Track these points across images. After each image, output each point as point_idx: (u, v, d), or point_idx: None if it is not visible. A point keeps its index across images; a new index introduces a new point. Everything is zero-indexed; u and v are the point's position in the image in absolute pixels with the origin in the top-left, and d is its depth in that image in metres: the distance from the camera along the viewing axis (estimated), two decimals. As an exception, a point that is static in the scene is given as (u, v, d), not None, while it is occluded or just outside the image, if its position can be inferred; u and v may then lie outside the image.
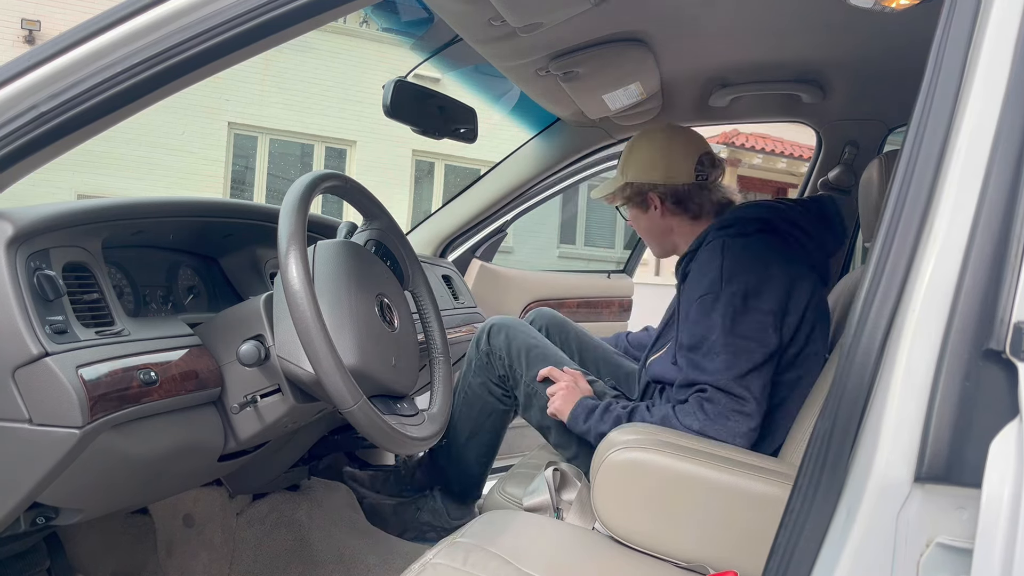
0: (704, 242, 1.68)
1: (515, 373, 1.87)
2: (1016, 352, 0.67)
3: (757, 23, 1.72)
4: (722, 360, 1.49)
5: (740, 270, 1.54)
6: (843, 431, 0.74)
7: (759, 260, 1.56)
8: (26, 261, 1.02)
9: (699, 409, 1.48)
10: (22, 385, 0.99)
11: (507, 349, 1.88)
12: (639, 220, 1.87)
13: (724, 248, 1.58)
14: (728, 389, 1.47)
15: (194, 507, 1.79)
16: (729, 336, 1.50)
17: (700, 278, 1.59)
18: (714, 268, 1.56)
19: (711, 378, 1.49)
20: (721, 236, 1.62)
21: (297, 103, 10.92)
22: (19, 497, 1.04)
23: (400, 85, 1.83)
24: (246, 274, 1.64)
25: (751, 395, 1.48)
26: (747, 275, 1.53)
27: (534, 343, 1.88)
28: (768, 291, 1.53)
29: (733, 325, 1.50)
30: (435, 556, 1.23)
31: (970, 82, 0.75)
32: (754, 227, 1.63)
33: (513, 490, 1.72)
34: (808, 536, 0.74)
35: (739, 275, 1.53)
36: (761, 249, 1.59)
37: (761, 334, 1.50)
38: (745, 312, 1.51)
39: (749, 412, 1.47)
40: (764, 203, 1.74)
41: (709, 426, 1.46)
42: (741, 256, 1.56)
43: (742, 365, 1.48)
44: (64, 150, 1.01)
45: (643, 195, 1.82)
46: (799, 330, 1.57)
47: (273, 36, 0.98)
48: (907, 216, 0.75)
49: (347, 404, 1.12)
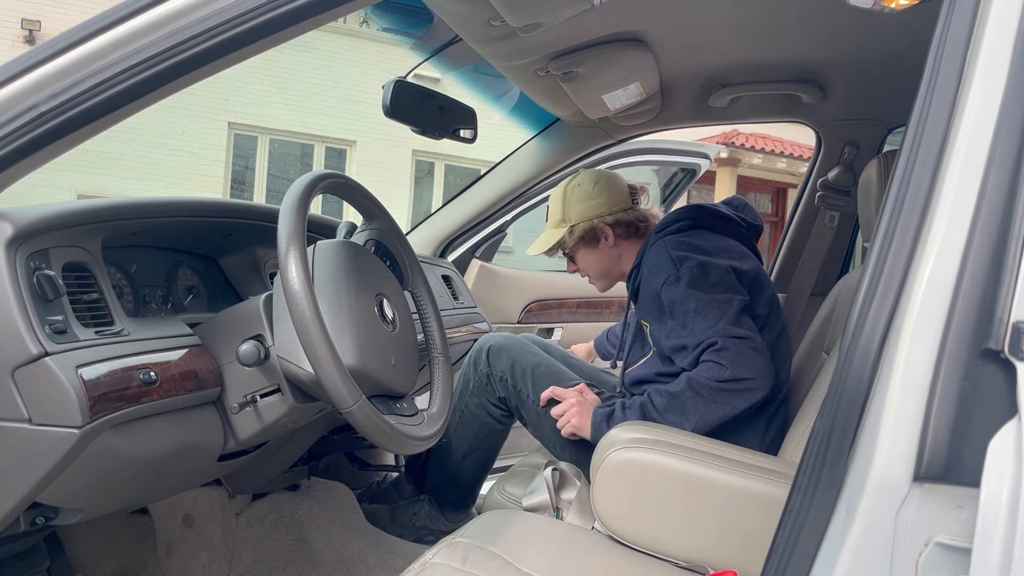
0: (645, 251, 1.81)
1: (520, 394, 1.88)
2: (1015, 352, 0.67)
3: (757, 23, 1.73)
4: (711, 316, 1.59)
5: (686, 254, 1.68)
6: (842, 430, 0.74)
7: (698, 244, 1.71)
8: (26, 261, 1.02)
9: (719, 359, 1.55)
10: (22, 385, 0.99)
11: (511, 370, 1.90)
12: (590, 258, 1.97)
13: (667, 244, 1.72)
14: (732, 334, 1.56)
15: (194, 507, 1.79)
16: (704, 296, 1.61)
17: (654, 274, 1.71)
18: (665, 259, 1.69)
19: (712, 333, 1.57)
20: (660, 238, 1.77)
21: (297, 103, 10.92)
22: (19, 497, 1.04)
23: (400, 85, 1.83)
24: (246, 274, 1.64)
25: (751, 330, 1.59)
26: (695, 254, 1.67)
27: (536, 361, 1.90)
28: (718, 256, 1.68)
29: (702, 288, 1.62)
30: (434, 556, 1.23)
31: (969, 82, 0.75)
32: (687, 224, 1.79)
33: (513, 490, 1.72)
34: (807, 535, 0.74)
35: (687, 257, 1.67)
36: (696, 237, 1.74)
37: (730, 286, 1.63)
38: (707, 275, 1.63)
39: (759, 347, 1.57)
40: (689, 205, 1.90)
41: (738, 368, 1.53)
42: (681, 244, 1.71)
43: (729, 311, 1.59)
44: (64, 150, 1.01)
45: (593, 231, 1.92)
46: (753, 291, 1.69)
47: (273, 36, 0.98)
48: (906, 216, 0.75)
49: (347, 404, 1.12)
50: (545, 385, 1.84)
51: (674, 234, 1.76)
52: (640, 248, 1.86)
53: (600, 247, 1.94)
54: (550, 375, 1.87)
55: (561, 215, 1.95)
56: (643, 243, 1.86)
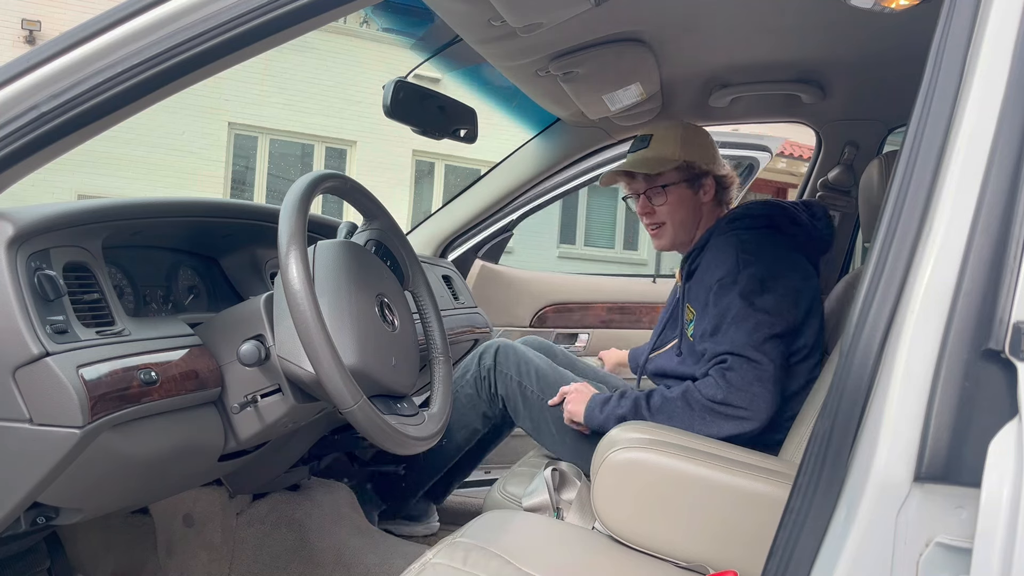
0: (713, 235, 1.74)
1: (525, 390, 1.88)
2: (1015, 352, 0.67)
3: (757, 23, 1.73)
4: (742, 330, 1.54)
5: (754, 259, 1.61)
6: (843, 431, 0.74)
7: (770, 252, 1.64)
8: (26, 261, 1.02)
9: (721, 378, 1.52)
10: (22, 385, 0.99)
11: (516, 368, 1.90)
12: (680, 204, 1.82)
13: (738, 240, 1.66)
14: (747, 355, 1.51)
15: (194, 507, 1.79)
16: (747, 310, 1.55)
17: (715, 267, 1.65)
18: (730, 256, 1.63)
19: (731, 347, 1.53)
20: (733, 229, 1.70)
21: (297, 103, 10.92)
22: (19, 497, 1.04)
23: (400, 85, 1.83)
24: (246, 274, 1.64)
25: (769, 359, 1.52)
26: (761, 263, 1.60)
27: (540, 364, 1.91)
28: (782, 277, 1.60)
29: (751, 301, 1.56)
30: (435, 556, 1.23)
31: (969, 82, 0.75)
32: (762, 223, 1.72)
33: (513, 490, 1.72)
34: (808, 535, 0.74)
35: (754, 263, 1.60)
36: (770, 243, 1.67)
37: (778, 309, 1.57)
38: (762, 293, 1.57)
39: (769, 378, 1.51)
40: (769, 202, 1.82)
41: (733, 394, 1.50)
42: (753, 247, 1.64)
43: (762, 332, 1.53)
44: (64, 150, 1.01)
45: (700, 178, 1.82)
46: (807, 318, 1.63)
47: (273, 36, 0.98)
48: (906, 216, 0.75)
49: (347, 404, 1.12)
50: (551, 383, 1.85)
51: (747, 230, 1.70)
52: (709, 228, 1.80)
53: (695, 197, 1.83)
54: (556, 375, 1.88)
55: (679, 146, 1.81)
56: (714, 223, 1.80)
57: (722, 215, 1.83)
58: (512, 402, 1.92)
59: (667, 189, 1.82)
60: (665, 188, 1.82)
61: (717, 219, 1.81)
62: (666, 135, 1.84)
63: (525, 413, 1.89)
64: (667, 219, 1.84)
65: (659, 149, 1.82)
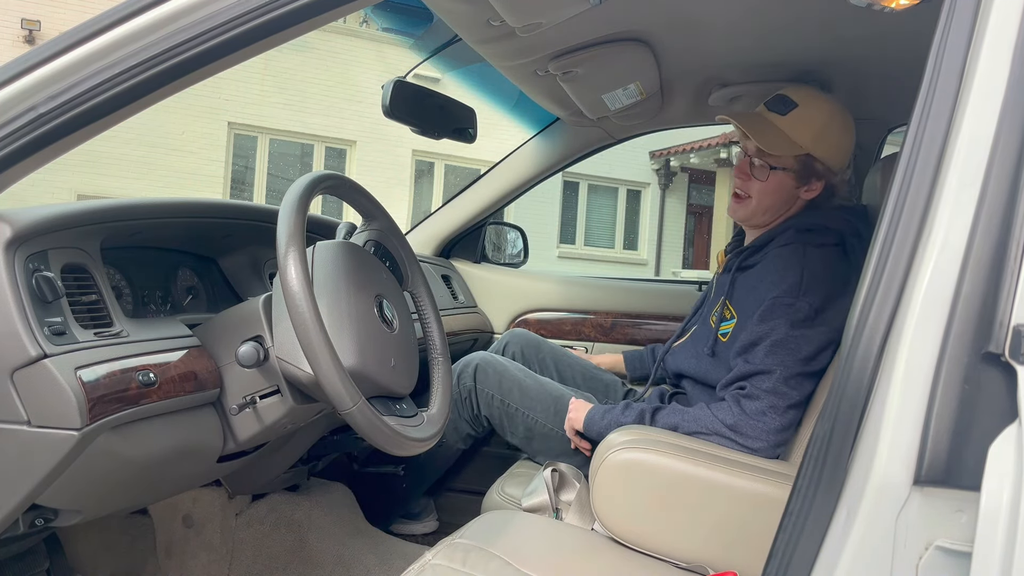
0: (778, 239, 1.62)
1: (508, 407, 1.85)
2: (1015, 355, 0.67)
3: (757, 23, 1.72)
4: (777, 358, 1.46)
5: (818, 283, 1.51)
6: (842, 433, 0.74)
7: (833, 277, 1.53)
8: (24, 262, 1.02)
9: (736, 404, 1.46)
10: (21, 387, 0.99)
11: (498, 387, 1.86)
12: (777, 190, 1.66)
13: (806, 255, 1.54)
14: (773, 388, 1.44)
15: (193, 508, 1.79)
16: (791, 341, 1.46)
17: (776, 278, 1.54)
18: (795, 273, 1.52)
19: (758, 374, 1.46)
20: (802, 241, 1.58)
21: (297, 103, 10.92)
22: (18, 499, 1.04)
23: (399, 85, 1.83)
24: (245, 275, 1.64)
25: (793, 396, 1.44)
26: (823, 290, 1.50)
27: (522, 378, 1.87)
28: (834, 312, 1.50)
29: (798, 333, 1.47)
30: (435, 556, 1.23)
31: (970, 82, 0.75)
32: (832, 239, 1.60)
33: (512, 491, 1.72)
34: (807, 538, 0.74)
35: (816, 288, 1.50)
36: (835, 264, 1.56)
37: (821, 350, 1.47)
38: (812, 326, 1.48)
39: (784, 411, 1.44)
40: (839, 214, 1.66)
41: (744, 421, 1.43)
42: (820, 268, 1.53)
43: (795, 368, 1.45)
44: (63, 151, 1.01)
45: (813, 176, 1.65)
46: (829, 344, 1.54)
47: (273, 36, 0.98)
48: (906, 218, 0.75)
49: (346, 405, 1.12)
50: (533, 397, 1.83)
51: (818, 247, 1.57)
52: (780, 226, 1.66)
53: (796, 190, 1.66)
54: (540, 389, 1.85)
55: (812, 135, 1.63)
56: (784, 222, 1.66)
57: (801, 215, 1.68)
58: (497, 420, 1.89)
59: (774, 171, 1.64)
60: (772, 169, 1.64)
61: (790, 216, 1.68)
62: (809, 116, 1.64)
63: (512, 430, 1.87)
64: (756, 195, 1.67)
65: (793, 126, 1.63)
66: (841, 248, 1.60)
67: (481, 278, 2.64)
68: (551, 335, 2.50)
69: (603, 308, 2.54)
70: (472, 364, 1.90)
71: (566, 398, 1.83)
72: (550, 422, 1.81)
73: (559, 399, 1.83)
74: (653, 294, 2.57)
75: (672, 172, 13.73)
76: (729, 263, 1.73)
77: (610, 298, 2.56)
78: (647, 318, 2.49)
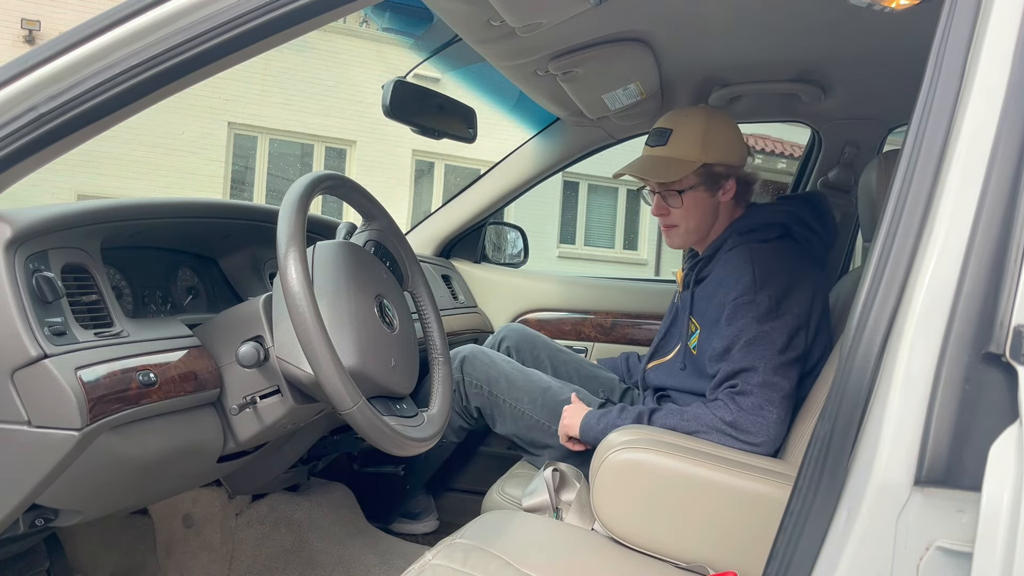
0: (724, 247, 1.68)
1: (496, 399, 1.85)
2: (1016, 355, 0.67)
3: (757, 23, 1.72)
4: (754, 353, 1.50)
5: (770, 277, 1.55)
6: (843, 433, 0.74)
7: (784, 267, 1.58)
8: (25, 263, 1.02)
9: (731, 401, 1.49)
10: (21, 387, 0.99)
11: (486, 379, 1.87)
12: (696, 206, 1.72)
13: (752, 254, 1.60)
14: (760, 379, 1.48)
15: (193, 508, 1.79)
16: (762, 334, 1.51)
17: (730, 283, 1.59)
18: (746, 273, 1.57)
19: (742, 370, 1.49)
20: (746, 241, 1.64)
21: (297, 103, 10.92)
22: (18, 499, 1.04)
23: (400, 85, 1.83)
24: (245, 275, 1.64)
25: (784, 386, 1.49)
26: (777, 282, 1.55)
27: (509, 370, 1.88)
28: (796, 297, 1.55)
29: (766, 325, 1.51)
30: (434, 557, 1.23)
31: (970, 83, 0.75)
32: (775, 233, 1.66)
33: (512, 491, 1.72)
34: (808, 538, 0.74)
35: (770, 281, 1.55)
36: (784, 256, 1.61)
37: (793, 332, 1.52)
38: (778, 316, 1.52)
39: (780, 402, 1.48)
40: (777, 207, 1.73)
41: (743, 417, 1.46)
42: (769, 262, 1.58)
43: (776, 357, 1.49)
44: (63, 151, 1.01)
45: (720, 179, 1.71)
46: (817, 334, 1.59)
47: (273, 36, 0.98)
48: (907, 217, 0.75)
49: (346, 405, 1.12)
50: (521, 389, 1.83)
51: (762, 243, 1.63)
52: (721, 235, 1.72)
53: (714, 198, 1.72)
54: (527, 381, 1.86)
55: (699, 147, 1.69)
56: (726, 230, 1.72)
57: (738, 215, 1.75)
58: (487, 411, 1.89)
59: (683, 194, 1.71)
60: (682, 193, 1.71)
61: (732, 221, 1.74)
62: (687, 132, 1.71)
63: (500, 420, 1.87)
64: (681, 222, 1.74)
65: (678, 148, 1.70)
66: (788, 239, 1.66)
67: (481, 278, 2.64)
68: (551, 335, 2.49)
69: (603, 308, 2.54)
70: (460, 356, 1.92)
71: (553, 389, 1.84)
72: (537, 413, 1.82)
73: (546, 390, 1.84)
74: (653, 294, 2.57)
75: (672, 172, 13.69)
76: (686, 279, 1.79)
77: (610, 298, 2.56)
78: (647, 318, 2.50)
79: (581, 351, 2.48)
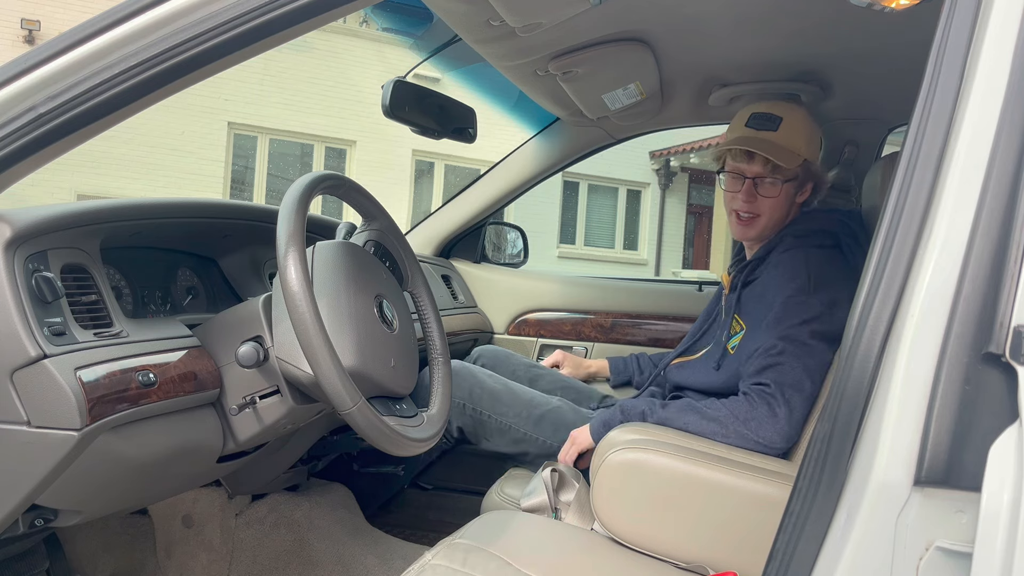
0: (778, 248, 1.65)
1: (482, 416, 1.83)
2: (1016, 356, 0.67)
3: (757, 22, 1.72)
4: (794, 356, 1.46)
5: (824, 283, 1.53)
6: (843, 434, 0.74)
7: (836, 277, 1.56)
8: (24, 263, 1.02)
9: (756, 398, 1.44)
10: (20, 387, 0.99)
11: (469, 396, 1.84)
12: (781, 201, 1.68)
13: (808, 257, 1.57)
14: (794, 382, 1.44)
15: (193, 508, 1.79)
16: (807, 337, 1.47)
17: (783, 282, 1.56)
18: (801, 274, 1.54)
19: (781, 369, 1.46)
20: (801, 245, 1.61)
21: (297, 103, 10.92)
22: (18, 499, 1.04)
23: (399, 85, 1.83)
24: (245, 275, 1.64)
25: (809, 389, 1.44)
26: (829, 289, 1.52)
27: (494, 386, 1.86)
28: (841, 306, 1.51)
29: (813, 330, 1.48)
30: (434, 557, 1.23)
31: (970, 83, 0.75)
32: (829, 241, 1.63)
33: (511, 491, 1.72)
34: (807, 539, 0.74)
35: (824, 287, 1.52)
36: (836, 265, 1.59)
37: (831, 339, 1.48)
38: (820, 320, 1.49)
39: (802, 404, 1.44)
40: (833, 216, 1.69)
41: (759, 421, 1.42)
42: (824, 269, 1.56)
43: (811, 362, 1.46)
44: (62, 152, 1.01)
45: (809, 178, 1.70)
46: None
47: (273, 36, 0.98)
48: (907, 218, 0.75)
49: (346, 406, 1.11)
50: (506, 403, 1.81)
51: (817, 248, 1.60)
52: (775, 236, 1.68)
53: (793, 197, 1.69)
54: (511, 395, 1.84)
55: (805, 141, 1.66)
56: (779, 232, 1.68)
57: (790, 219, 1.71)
58: (469, 429, 1.86)
59: (784, 185, 1.66)
60: (784, 183, 1.66)
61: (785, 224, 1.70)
62: (796, 124, 1.67)
63: (487, 436, 1.85)
64: (767, 212, 1.68)
65: (788, 138, 1.65)
66: (838, 249, 1.63)
67: (481, 278, 2.63)
68: (551, 335, 2.50)
69: (603, 308, 2.53)
70: None
71: (537, 400, 1.83)
72: (523, 427, 1.80)
73: (530, 403, 1.83)
74: (653, 294, 2.57)
75: (672, 172, 13.73)
76: (734, 281, 1.74)
77: (610, 298, 2.55)
78: (647, 318, 2.49)
79: (581, 351, 2.48)
